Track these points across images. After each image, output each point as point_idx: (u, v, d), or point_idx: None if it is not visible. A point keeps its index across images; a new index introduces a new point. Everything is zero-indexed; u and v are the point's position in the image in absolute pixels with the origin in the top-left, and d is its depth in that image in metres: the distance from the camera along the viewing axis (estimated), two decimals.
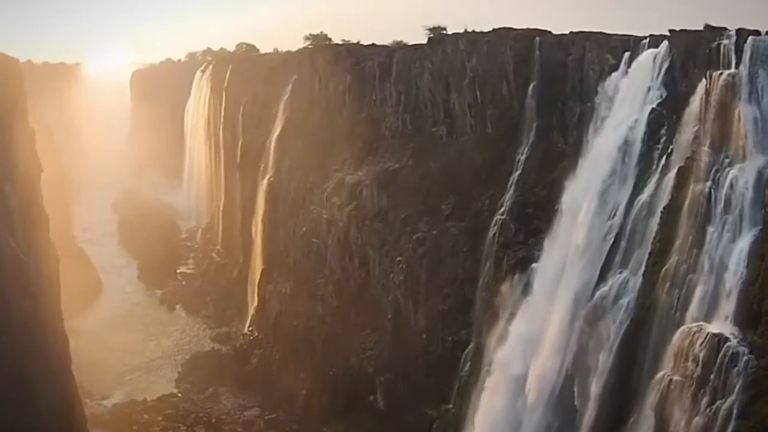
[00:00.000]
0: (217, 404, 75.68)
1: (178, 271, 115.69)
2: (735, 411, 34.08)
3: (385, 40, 76.52)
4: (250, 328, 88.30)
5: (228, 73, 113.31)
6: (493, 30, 59.39)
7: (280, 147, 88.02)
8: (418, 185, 64.59)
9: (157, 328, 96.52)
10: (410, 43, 71.84)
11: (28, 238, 45.86)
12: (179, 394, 77.26)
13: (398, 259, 63.45)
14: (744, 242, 36.99)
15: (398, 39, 74.14)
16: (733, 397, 34.33)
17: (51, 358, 44.57)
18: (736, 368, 34.50)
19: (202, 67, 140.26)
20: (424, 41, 67.32)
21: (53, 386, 43.85)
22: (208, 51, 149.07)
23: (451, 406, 56.28)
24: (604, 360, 42.51)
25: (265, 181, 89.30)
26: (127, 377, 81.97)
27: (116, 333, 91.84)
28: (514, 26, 59.21)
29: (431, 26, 66.08)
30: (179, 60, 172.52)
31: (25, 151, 47.98)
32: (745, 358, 34.40)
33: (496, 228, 54.87)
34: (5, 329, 39.60)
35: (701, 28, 44.31)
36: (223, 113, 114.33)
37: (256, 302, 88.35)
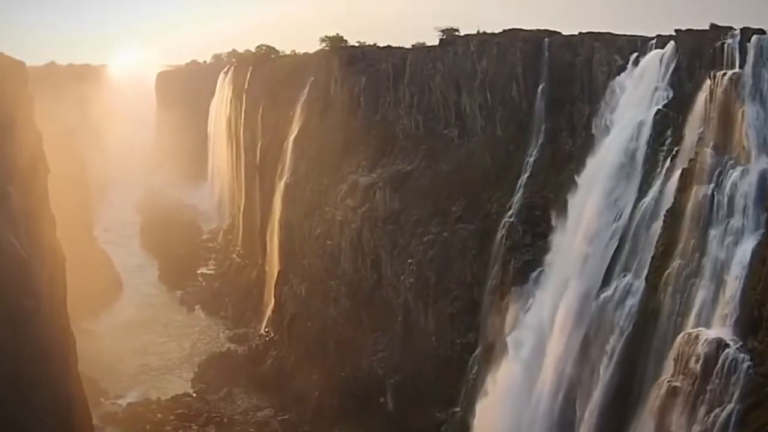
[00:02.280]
0: (230, 404, 75.89)
1: (198, 271, 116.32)
2: (733, 419, 33.54)
3: (404, 42, 76.43)
4: (266, 329, 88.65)
5: (248, 75, 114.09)
6: (503, 31, 59.12)
7: (296, 149, 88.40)
8: (430, 187, 64.47)
9: (176, 329, 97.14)
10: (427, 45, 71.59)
11: (33, 237, 46.56)
12: (194, 394, 77.67)
13: (409, 261, 63.30)
14: (746, 246, 36.49)
15: (416, 41, 74.11)
16: (731, 405, 33.81)
17: (53, 357, 45.03)
18: (735, 375, 33.98)
19: (225, 69, 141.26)
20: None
21: (54, 385, 44.26)
22: (233, 53, 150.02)
23: (458, 409, 55.99)
24: (606, 364, 42.08)
25: (282, 182, 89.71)
26: (144, 377, 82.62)
27: (135, 333, 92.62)
28: (525, 27, 58.96)
29: (443, 28, 65.83)
30: (204, 62, 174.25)
31: (30, 152, 48.73)
32: (745, 364, 33.85)
33: (504, 230, 54.53)
34: (5, 327, 40.16)
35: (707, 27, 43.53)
36: (243, 115, 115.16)
37: (272, 303, 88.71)
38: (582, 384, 43.62)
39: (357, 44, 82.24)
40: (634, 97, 46.64)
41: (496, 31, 60.48)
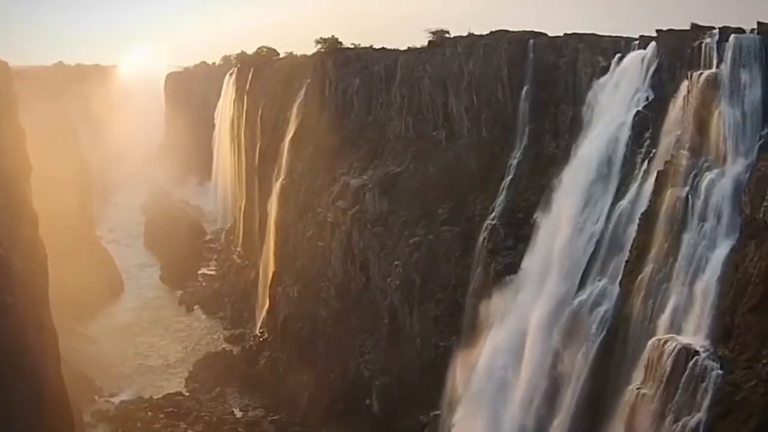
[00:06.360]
0: (222, 404, 75.72)
1: (199, 272, 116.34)
2: (702, 428, 32.67)
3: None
4: (261, 330, 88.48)
5: (249, 77, 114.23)
6: (491, 33, 58.64)
7: (293, 150, 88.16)
8: (418, 189, 63.99)
9: (174, 329, 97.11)
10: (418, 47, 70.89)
11: (14, 235, 46.75)
12: (186, 393, 77.54)
13: (396, 263, 62.84)
14: (720, 251, 35.65)
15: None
16: (700, 414, 32.94)
17: (31, 352, 45.07)
18: (705, 383, 33.11)
19: (230, 71, 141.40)
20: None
21: (32, 380, 44.20)
22: (243, 54, 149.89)
23: (439, 412, 55.42)
24: (580, 370, 41.42)
25: (278, 183, 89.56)
26: (139, 376, 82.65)
27: (132, 333, 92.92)
28: (514, 28, 58.41)
29: (433, 29, 65.31)
30: (213, 63, 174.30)
31: (12, 151, 49.01)
32: (714, 372, 32.98)
33: (486, 233, 54.04)
34: None
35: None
36: (244, 116, 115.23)
37: (267, 304, 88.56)
38: (556, 389, 42.98)
39: (352, 46, 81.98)
40: (616, 99, 46.01)
41: (485, 33, 59.96)
